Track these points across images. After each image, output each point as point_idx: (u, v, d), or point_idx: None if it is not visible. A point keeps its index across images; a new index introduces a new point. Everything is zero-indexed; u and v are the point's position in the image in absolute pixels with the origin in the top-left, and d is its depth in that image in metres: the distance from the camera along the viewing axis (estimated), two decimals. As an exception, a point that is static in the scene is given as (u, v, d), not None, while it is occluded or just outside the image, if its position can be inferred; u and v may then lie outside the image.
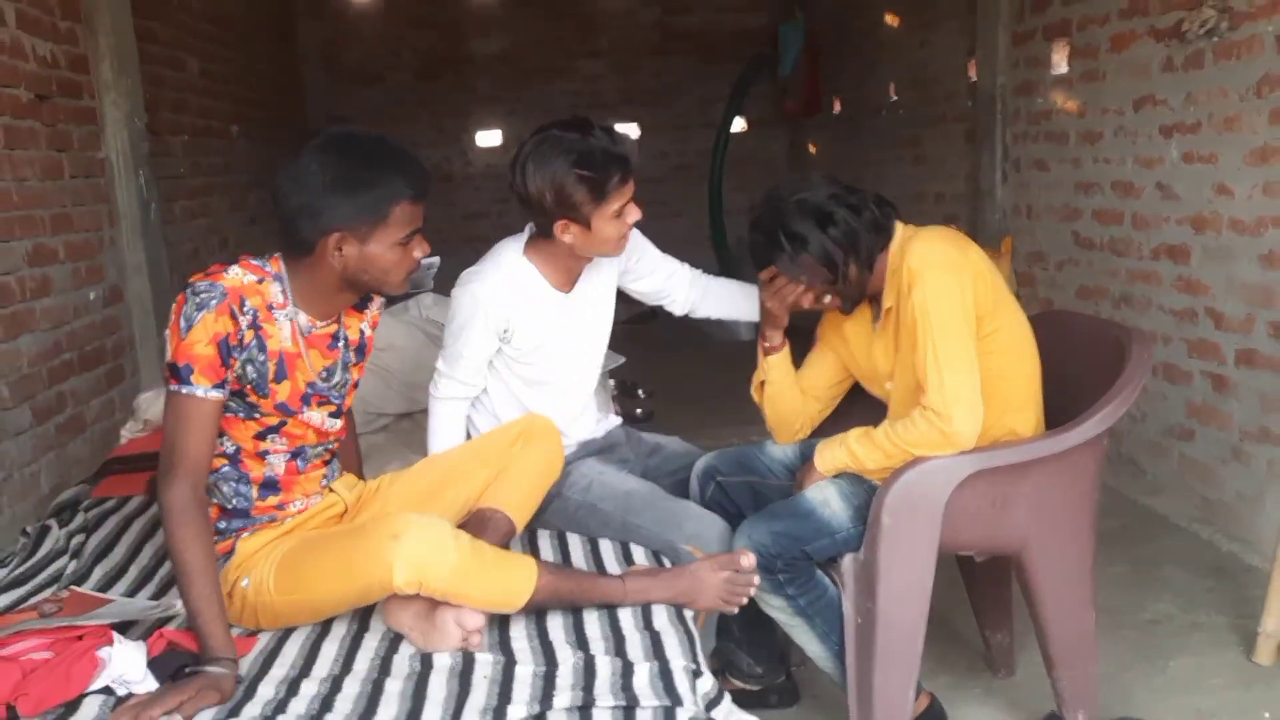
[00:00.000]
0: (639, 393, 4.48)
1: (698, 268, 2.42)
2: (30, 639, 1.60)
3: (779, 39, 7.33)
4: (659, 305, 2.40)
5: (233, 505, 1.79)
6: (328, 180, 1.67)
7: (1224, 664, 2.44)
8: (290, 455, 1.82)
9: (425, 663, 1.65)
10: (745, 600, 1.90)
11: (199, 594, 1.59)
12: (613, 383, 3.46)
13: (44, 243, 3.09)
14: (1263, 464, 2.94)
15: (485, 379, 2.17)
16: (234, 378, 1.68)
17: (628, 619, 1.79)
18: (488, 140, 7.85)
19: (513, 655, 1.67)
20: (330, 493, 1.93)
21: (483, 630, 1.68)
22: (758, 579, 1.90)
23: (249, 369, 1.70)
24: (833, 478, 2.04)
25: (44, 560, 2.10)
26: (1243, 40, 2.88)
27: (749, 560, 1.88)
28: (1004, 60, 4.24)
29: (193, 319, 1.62)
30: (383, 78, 7.59)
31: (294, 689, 1.57)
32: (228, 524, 1.79)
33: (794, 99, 7.31)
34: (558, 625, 1.77)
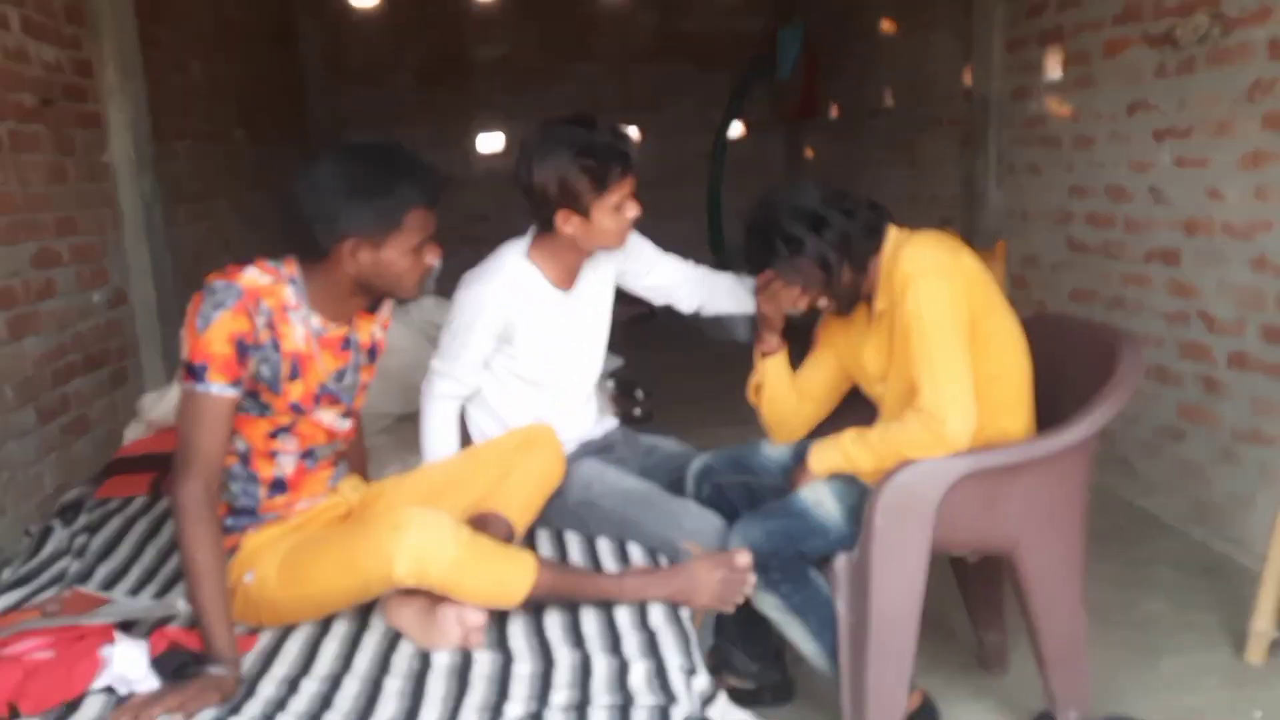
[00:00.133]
0: (637, 393, 4.50)
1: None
2: (32, 638, 1.62)
3: (777, 43, 7.35)
4: (667, 304, 2.41)
5: (240, 504, 1.82)
6: (344, 187, 1.70)
7: (1215, 663, 2.46)
8: (300, 456, 1.85)
9: (424, 661, 1.67)
10: (741, 599, 1.93)
11: (206, 594, 1.61)
12: (611, 383, 3.49)
13: (48, 246, 3.11)
14: (1254, 465, 2.96)
15: (479, 379, 2.20)
16: (249, 377, 1.70)
17: (624, 617, 1.80)
18: (488, 143, 7.86)
19: (510, 653, 1.69)
20: (335, 493, 1.95)
21: (483, 628, 1.70)
22: (753, 578, 1.93)
23: (263, 368, 1.72)
24: (827, 478, 2.06)
25: (47, 560, 2.13)
26: (1234, 46, 2.91)
27: (745, 559, 1.91)
28: (998, 65, 4.25)
29: (210, 318, 1.65)
30: (384, 81, 7.60)
31: (294, 687, 1.60)
32: (234, 521, 1.82)
33: (792, 102, 7.32)
34: (555, 623, 1.79)
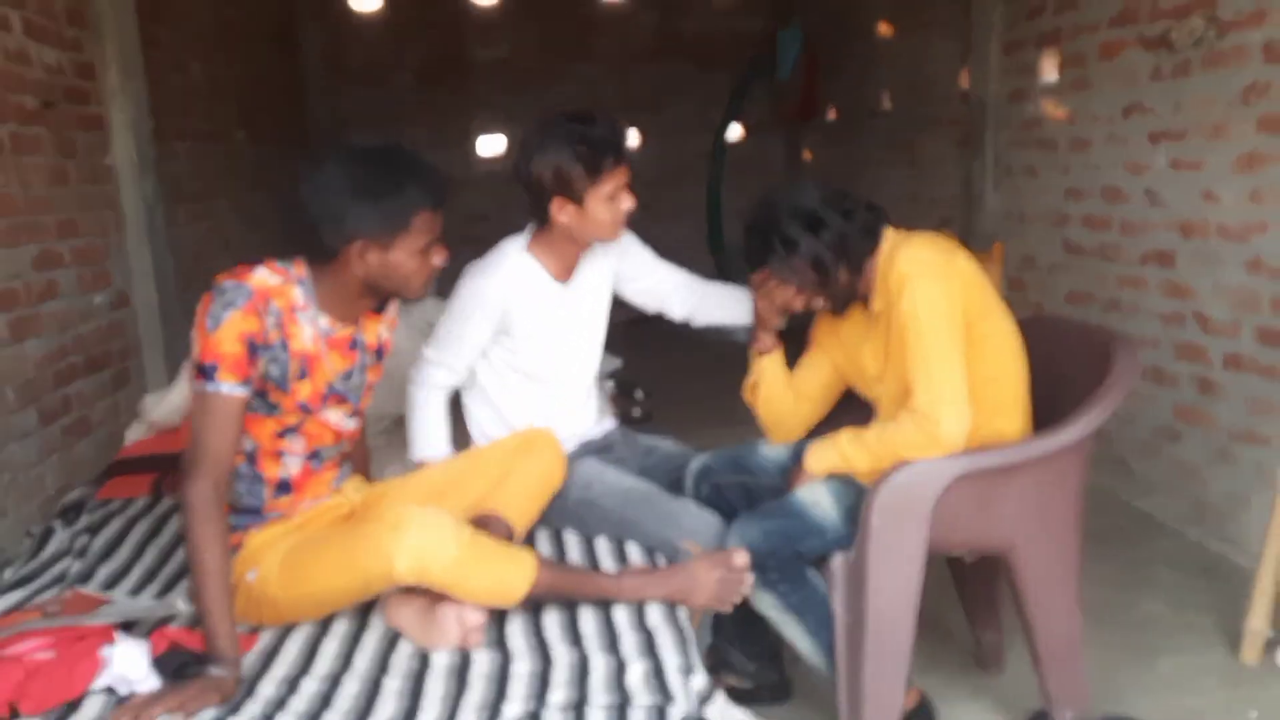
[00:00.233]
0: (637, 394, 4.52)
1: (695, 272, 2.46)
2: (33, 639, 1.63)
3: (777, 44, 7.36)
4: (659, 312, 2.44)
5: (244, 503, 1.83)
6: (351, 190, 1.72)
7: (1212, 663, 2.47)
8: (307, 457, 1.86)
9: (423, 661, 1.69)
10: (739, 599, 1.94)
11: (211, 594, 1.62)
12: (611, 384, 3.50)
13: (50, 248, 3.12)
14: (1250, 466, 2.97)
15: (470, 371, 2.23)
16: (258, 377, 1.72)
17: (622, 617, 1.82)
18: (488, 144, 7.87)
19: (509, 653, 1.70)
20: (339, 494, 1.97)
21: (482, 628, 1.72)
22: (751, 577, 1.94)
23: (272, 367, 1.74)
24: (824, 478, 2.07)
25: (48, 561, 2.14)
26: (1230, 49, 2.92)
27: (742, 559, 1.92)
28: (996, 68, 4.26)
29: (220, 317, 1.66)
30: (384, 81, 7.61)
31: (294, 687, 1.61)
32: (238, 520, 1.83)
33: (791, 103, 7.34)
34: (553, 623, 1.80)
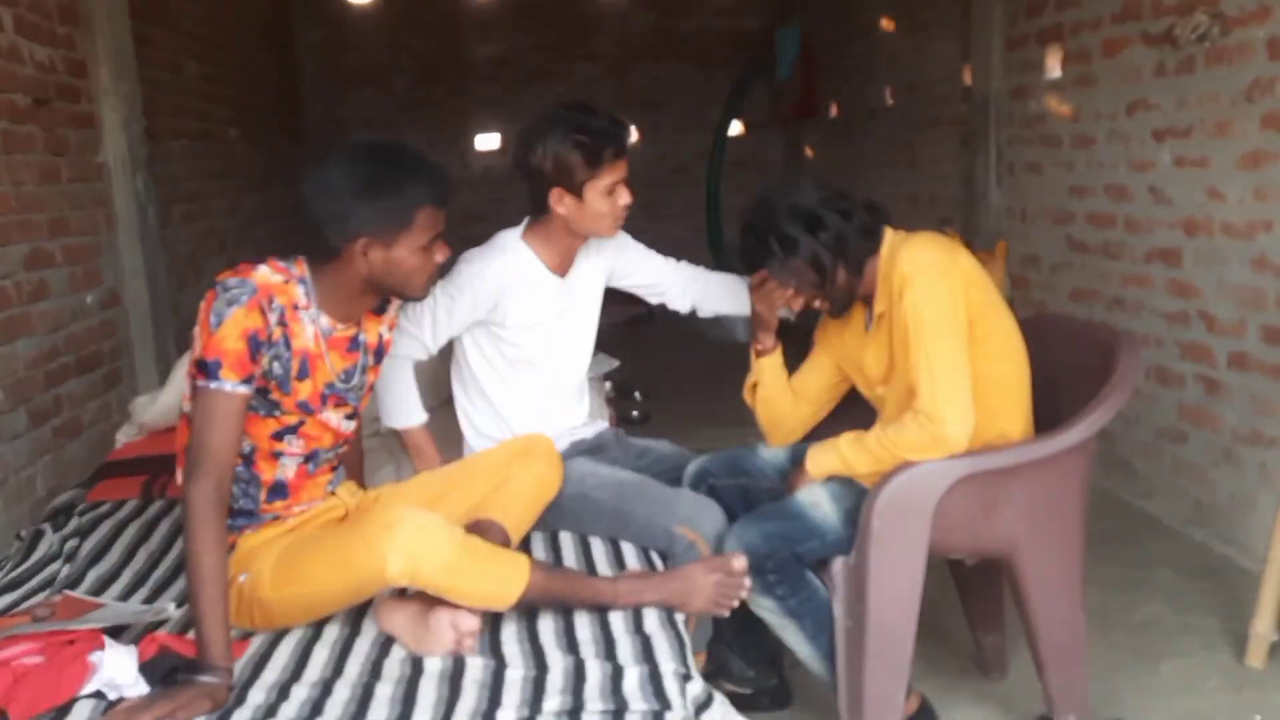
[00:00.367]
0: (635, 395, 4.50)
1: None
2: (22, 643, 1.61)
3: (776, 43, 7.34)
4: (662, 303, 2.43)
5: (239, 505, 1.81)
6: (354, 188, 1.71)
7: (1215, 666, 2.45)
8: (303, 459, 1.84)
9: (415, 667, 1.66)
10: (736, 603, 1.91)
11: (208, 599, 1.59)
12: (608, 385, 3.47)
13: (41, 247, 3.10)
14: (1254, 467, 2.94)
15: (437, 349, 2.20)
16: (260, 374, 1.70)
17: (618, 622, 1.79)
18: (485, 143, 7.86)
19: (503, 659, 1.67)
20: (333, 496, 1.94)
21: (476, 633, 1.69)
22: (749, 582, 1.91)
23: (275, 365, 1.73)
24: (824, 481, 2.05)
25: (38, 565, 2.11)
26: (1234, 45, 2.90)
27: (740, 563, 1.89)
28: (998, 65, 4.25)
29: (223, 314, 1.65)
30: (381, 81, 7.60)
31: (285, 693, 1.58)
32: (232, 521, 1.79)
33: (791, 102, 7.32)
34: (548, 628, 1.77)
